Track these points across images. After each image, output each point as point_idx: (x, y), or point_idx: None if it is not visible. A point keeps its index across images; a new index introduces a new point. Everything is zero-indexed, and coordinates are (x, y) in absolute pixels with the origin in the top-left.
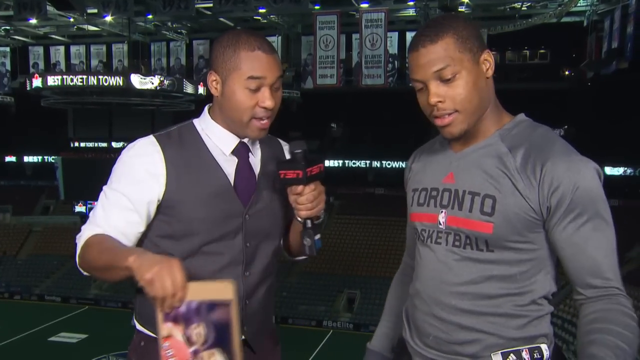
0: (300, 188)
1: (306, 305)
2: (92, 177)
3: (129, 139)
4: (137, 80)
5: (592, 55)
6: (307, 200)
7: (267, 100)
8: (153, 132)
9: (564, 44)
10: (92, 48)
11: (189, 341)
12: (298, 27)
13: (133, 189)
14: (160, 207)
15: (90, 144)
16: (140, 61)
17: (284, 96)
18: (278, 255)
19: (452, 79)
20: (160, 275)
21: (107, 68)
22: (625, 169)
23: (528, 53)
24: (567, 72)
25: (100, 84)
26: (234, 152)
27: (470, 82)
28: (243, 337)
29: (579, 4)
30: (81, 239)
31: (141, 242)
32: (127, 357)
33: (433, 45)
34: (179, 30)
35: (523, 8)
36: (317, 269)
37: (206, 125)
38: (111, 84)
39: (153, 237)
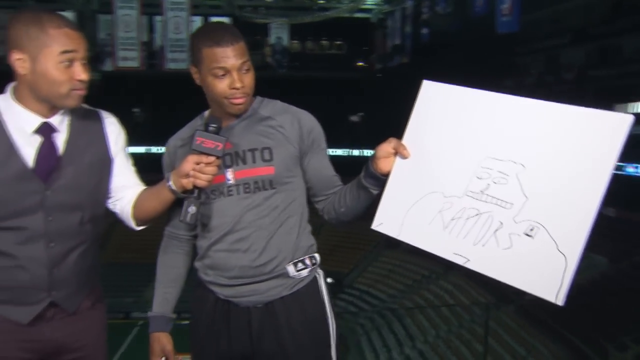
0: (212, 159)
1: (112, 298)
2: None
3: None
4: None
5: (379, 49)
6: (212, 172)
7: (81, 73)
8: None
9: (358, 38)
10: None
11: None
12: (94, 4)
13: None
14: None
15: None
16: None
17: None
18: (94, 223)
19: (248, 70)
20: None
21: None
22: None
23: (326, 44)
24: (360, 64)
25: None
26: (37, 132)
27: (254, 75)
28: (51, 299)
29: (367, 2)
30: None
31: None
32: None
33: (239, 44)
34: None
35: (320, 1)
36: (122, 259)
37: (7, 105)
38: None
39: None
